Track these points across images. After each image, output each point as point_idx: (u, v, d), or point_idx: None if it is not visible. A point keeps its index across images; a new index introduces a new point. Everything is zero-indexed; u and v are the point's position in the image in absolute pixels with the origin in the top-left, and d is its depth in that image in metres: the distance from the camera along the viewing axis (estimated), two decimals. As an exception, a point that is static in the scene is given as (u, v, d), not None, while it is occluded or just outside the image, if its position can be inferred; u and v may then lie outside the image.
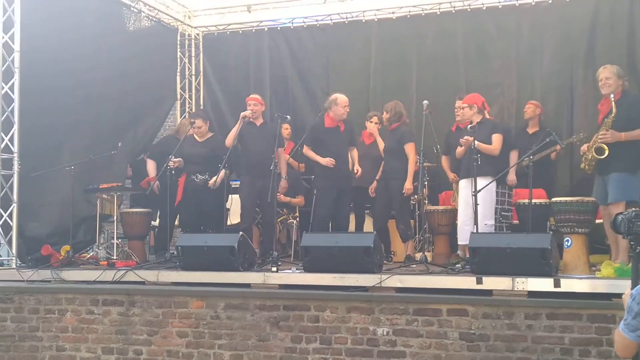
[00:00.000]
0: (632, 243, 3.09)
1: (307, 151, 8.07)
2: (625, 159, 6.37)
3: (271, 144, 7.63)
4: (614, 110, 6.41)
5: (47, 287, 7.17)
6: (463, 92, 8.64)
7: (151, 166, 8.61)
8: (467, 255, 6.77)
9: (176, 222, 8.71)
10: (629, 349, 2.91)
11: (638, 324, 2.84)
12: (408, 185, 7.82)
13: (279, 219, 8.63)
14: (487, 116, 7.59)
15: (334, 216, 7.95)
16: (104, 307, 6.87)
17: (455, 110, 8.01)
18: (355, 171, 7.96)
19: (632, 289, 3.00)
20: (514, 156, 7.56)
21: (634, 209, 3.19)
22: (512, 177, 7.55)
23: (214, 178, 7.94)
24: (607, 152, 6.41)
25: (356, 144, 8.21)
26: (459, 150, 7.40)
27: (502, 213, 7.40)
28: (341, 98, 7.94)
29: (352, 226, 8.52)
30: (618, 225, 3.13)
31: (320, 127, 8.04)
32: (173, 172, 7.93)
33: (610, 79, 6.51)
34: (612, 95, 6.48)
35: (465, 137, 7.18)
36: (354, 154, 8.10)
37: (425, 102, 7.66)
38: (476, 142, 7.05)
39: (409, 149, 7.86)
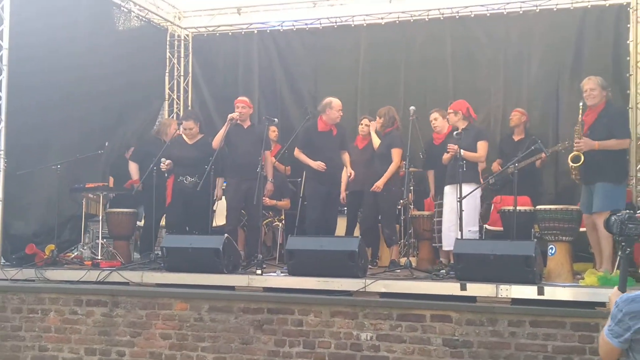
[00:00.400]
0: (623, 244, 3.16)
1: (299, 154, 8.07)
2: (611, 169, 6.44)
3: (258, 146, 7.63)
4: (579, 119, 6.62)
5: (31, 287, 7.13)
6: (451, 98, 8.68)
7: (134, 168, 8.55)
8: (451, 261, 6.81)
9: (162, 223, 8.67)
10: (613, 354, 2.99)
11: (621, 330, 2.91)
12: (379, 183, 7.82)
13: (264, 222, 8.63)
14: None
15: (322, 219, 7.94)
16: (87, 308, 6.84)
17: (431, 122, 8.00)
18: (349, 175, 7.96)
19: (619, 288, 3.09)
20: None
21: (627, 211, 3.22)
22: None
23: (215, 192, 8.00)
24: (582, 160, 6.50)
25: (348, 147, 8.20)
26: (446, 156, 7.44)
27: None
28: (335, 102, 7.93)
29: (342, 231, 8.51)
30: (611, 225, 3.19)
31: (313, 130, 8.02)
32: (155, 172, 7.85)
33: (595, 90, 6.58)
34: (580, 104, 6.66)
35: (450, 145, 7.23)
36: (346, 157, 8.09)
37: (412, 107, 7.74)
38: (462, 150, 7.09)
39: (395, 153, 7.90)
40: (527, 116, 8.72)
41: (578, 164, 6.55)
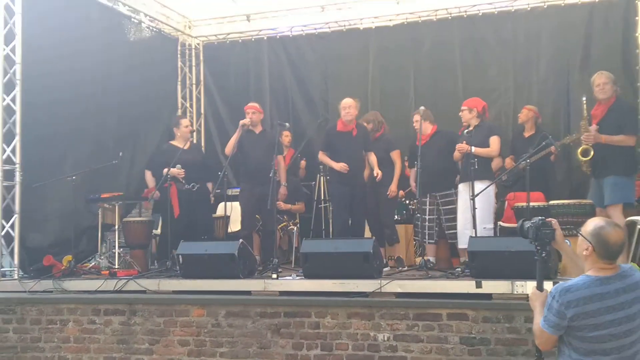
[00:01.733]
0: (538, 248, 3.42)
1: (322, 156, 8.06)
2: (621, 162, 6.46)
3: (270, 151, 7.66)
4: (584, 113, 6.70)
5: (49, 298, 7.18)
6: (461, 99, 8.66)
7: (149, 177, 8.64)
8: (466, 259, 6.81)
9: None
10: (550, 342, 3.34)
11: (557, 319, 3.23)
12: (393, 187, 7.95)
13: (279, 226, 8.66)
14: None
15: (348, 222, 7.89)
16: (105, 317, 6.89)
17: (415, 124, 7.93)
18: (375, 175, 7.89)
19: (537, 288, 3.45)
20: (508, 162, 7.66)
21: (540, 217, 3.47)
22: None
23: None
24: (592, 154, 6.49)
25: (372, 148, 8.10)
26: (456, 154, 7.45)
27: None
28: (344, 101, 7.94)
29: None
30: (526, 231, 3.47)
31: (332, 131, 8.04)
32: (169, 180, 7.92)
33: (607, 84, 6.64)
34: (584, 98, 6.72)
35: (460, 145, 7.24)
36: (372, 158, 8.03)
37: (422, 107, 7.75)
38: (473, 148, 7.10)
39: (395, 155, 8.06)
40: (536, 112, 8.67)
41: (587, 158, 6.55)
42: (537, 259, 3.45)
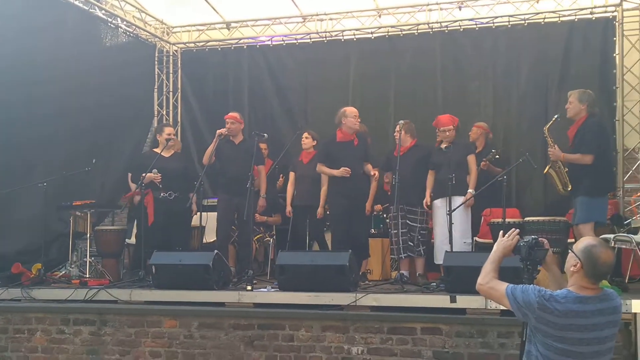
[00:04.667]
0: (529, 267, 3.40)
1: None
2: (590, 183, 6.54)
3: (248, 161, 7.59)
4: (545, 129, 6.83)
5: (17, 307, 7.05)
6: (440, 111, 8.68)
7: (132, 185, 8.44)
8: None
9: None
10: (493, 298, 3.56)
11: (524, 304, 3.23)
12: (368, 207, 7.78)
13: (255, 237, 8.59)
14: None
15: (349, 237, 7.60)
16: (75, 327, 6.78)
17: (395, 134, 7.83)
18: (373, 174, 7.76)
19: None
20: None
21: (534, 236, 3.45)
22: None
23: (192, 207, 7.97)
24: (570, 188, 6.64)
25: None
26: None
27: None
28: (350, 109, 7.74)
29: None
30: (518, 249, 3.43)
31: (332, 142, 7.76)
32: (144, 187, 7.80)
33: (572, 103, 6.73)
34: (556, 115, 6.80)
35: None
36: (368, 168, 7.82)
37: (402, 121, 7.71)
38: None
39: (369, 168, 7.88)
40: (486, 129, 8.68)
41: (568, 190, 6.63)
42: (525, 278, 3.41)
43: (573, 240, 6.76)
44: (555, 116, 6.85)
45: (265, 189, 8.17)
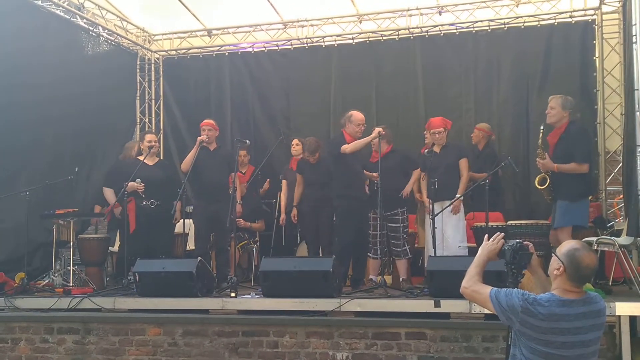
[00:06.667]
0: (514, 271, 3.42)
1: (345, 148, 7.40)
2: (570, 187, 6.57)
3: (224, 169, 7.58)
4: (539, 142, 6.74)
5: (0, 316, 6.99)
6: (422, 116, 8.74)
7: (109, 194, 8.36)
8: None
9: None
10: (477, 301, 3.58)
11: (505, 299, 3.26)
12: None
13: (239, 244, 8.57)
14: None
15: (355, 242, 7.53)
16: (58, 336, 6.74)
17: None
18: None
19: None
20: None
21: (518, 240, 3.47)
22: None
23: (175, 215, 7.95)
24: (548, 182, 6.57)
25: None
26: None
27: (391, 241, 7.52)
28: (356, 115, 7.59)
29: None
30: (503, 253, 3.45)
31: (342, 142, 7.51)
32: (126, 196, 7.76)
33: (554, 109, 6.70)
34: (541, 127, 6.74)
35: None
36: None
37: (378, 129, 7.60)
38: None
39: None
40: (487, 131, 8.76)
41: (544, 187, 6.64)
42: (510, 282, 3.42)
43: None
44: (541, 127, 6.83)
45: (240, 195, 8.12)
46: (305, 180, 8.17)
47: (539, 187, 6.71)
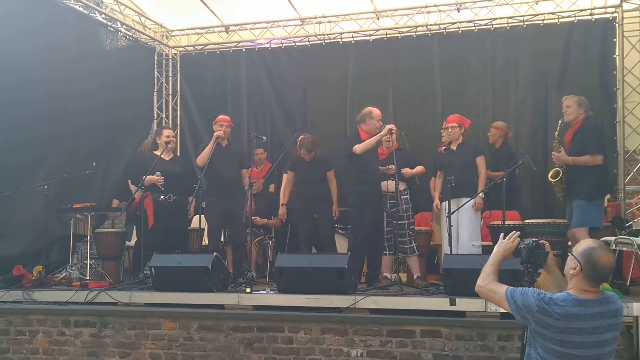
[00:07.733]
0: (530, 270, 3.40)
1: (357, 146, 7.41)
2: (587, 186, 6.53)
3: (236, 165, 7.59)
4: (555, 135, 6.71)
5: (18, 308, 7.06)
6: (439, 114, 8.71)
7: (134, 188, 8.39)
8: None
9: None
10: (492, 300, 3.59)
11: (521, 298, 3.25)
12: (335, 208, 7.91)
13: (255, 240, 8.58)
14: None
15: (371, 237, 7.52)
16: (75, 329, 6.79)
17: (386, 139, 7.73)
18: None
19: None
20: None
21: (534, 239, 3.45)
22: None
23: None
24: (560, 175, 6.53)
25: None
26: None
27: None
28: (376, 111, 7.57)
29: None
30: (519, 252, 3.44)
31: (356, 140, 7.52)
32: (143, 190, 7.78)
33: (570, 107, 6.70)
34: (560, 121, 6.73)
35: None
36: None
37: (390, 127, 7.56)
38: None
39: (331, 175, 7.99)
40: (504, 129, 8.76)
41: (556, 179, 6.59)
42: (526, 281, 3.41)
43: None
44: (560, 121, 6.81)
45: (255, 192, 8.12)
46: (298, 177, 8.13)
47: (552, 180, 6.66)
